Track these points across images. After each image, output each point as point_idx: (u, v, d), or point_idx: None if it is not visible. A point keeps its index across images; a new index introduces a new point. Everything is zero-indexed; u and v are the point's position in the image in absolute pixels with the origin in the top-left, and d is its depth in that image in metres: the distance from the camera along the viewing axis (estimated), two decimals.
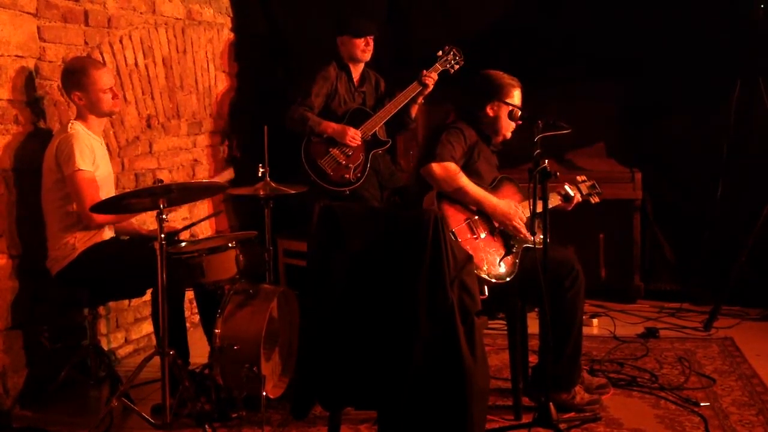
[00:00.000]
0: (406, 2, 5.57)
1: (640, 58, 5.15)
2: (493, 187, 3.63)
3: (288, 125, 4.73)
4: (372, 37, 4.82)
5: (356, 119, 4.78)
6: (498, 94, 3.63)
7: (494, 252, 3.47)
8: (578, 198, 3.82)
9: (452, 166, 3.47)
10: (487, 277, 3.35)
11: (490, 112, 3.65)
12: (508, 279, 3.42)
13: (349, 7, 5.33)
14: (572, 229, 5.04)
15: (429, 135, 3.74)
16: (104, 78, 3.62)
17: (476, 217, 3.51)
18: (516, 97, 3.65)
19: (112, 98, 3.66)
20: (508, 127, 3.68)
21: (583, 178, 3.97)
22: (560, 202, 3.77)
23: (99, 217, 3.52)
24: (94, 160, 3.58)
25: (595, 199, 3.96)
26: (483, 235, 3.49)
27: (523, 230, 3.51)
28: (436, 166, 3.45)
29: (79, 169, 3.49)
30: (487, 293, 3.27)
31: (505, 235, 3.55)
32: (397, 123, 4.90)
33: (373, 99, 4.98)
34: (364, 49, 4.82)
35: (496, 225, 3.54)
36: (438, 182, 3.46)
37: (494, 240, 3.51)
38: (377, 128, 4.79)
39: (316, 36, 5.39)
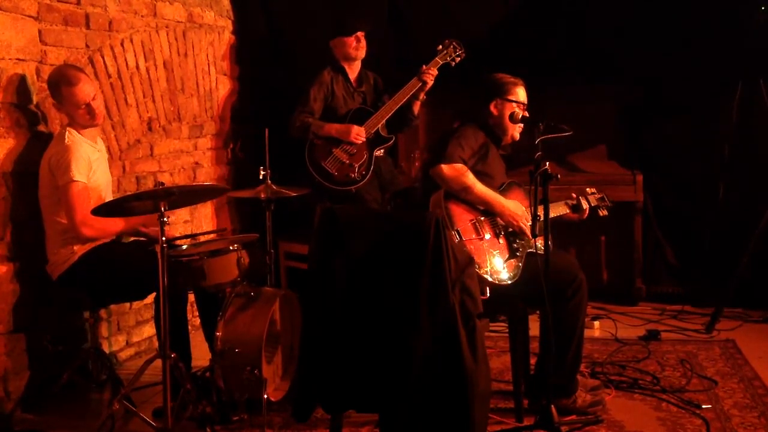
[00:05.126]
0: (406, 3, 5.57)
1: (642, 61, 5.15)
2: (502, 191, 3.65)
3: (292, 134, 4.74)
4: (363, 33, 4.80)
5: (358, 118, 4.78)
6: (499, 92, 3.67)
7: (498, 254, 3.47)
8: (586, 206, 3.84)
9: (460, 166, 3.50)
10: (488, 277, 3.35)
11: (494, 110, 3.68)
12: (509, 282, 3.42)
13: (349, 9, 5.33)
14: (574, 231, 5.03)
15: (438, 138, 3.77)
16: (78, 95, 3.54)
17: (482, 218, 3.53)
18: (519, 94, 3.68)
19: (88, 113, 3.58)
20: (513, 127, 3.70)
21: (593, 190, 4.00)
22: (569, 212, 3.80)
23: (88, 231, 3.52)
24: (90, 169, 3.57)
25: (603, 213, 3.99)
26: (487, 237, 3.50)
27: (529, 232, 3.52)
28: (445, 167, 3.49)
29: (74, 181, 3.47)
30: (488, 294, 3.27)
31: (510, 238, 3.55)
32: (400, 121, 4.88)
33: (373, 98, 4.97)
34: (356, 46, 4.81)
35: (501, 223, 3.55)
36: (446, 182, 3.49)
37: (498, 242, 3.51)
38: (379, 126, 4.78)
39: (316, 38, 5.39)
